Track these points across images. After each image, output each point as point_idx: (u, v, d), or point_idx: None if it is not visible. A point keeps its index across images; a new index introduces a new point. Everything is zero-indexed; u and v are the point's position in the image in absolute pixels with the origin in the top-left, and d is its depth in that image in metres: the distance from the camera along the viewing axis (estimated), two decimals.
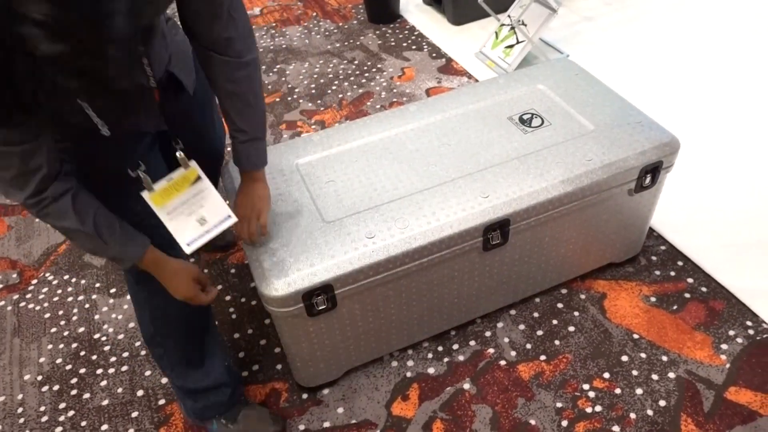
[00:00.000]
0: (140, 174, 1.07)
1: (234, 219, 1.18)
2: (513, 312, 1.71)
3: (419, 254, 1.35)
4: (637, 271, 1.79)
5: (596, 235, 1.63)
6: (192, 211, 1.13)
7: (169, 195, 1.10)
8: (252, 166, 1.24)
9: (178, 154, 1.10)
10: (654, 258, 1.82)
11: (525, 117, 1.62)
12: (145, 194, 1.08)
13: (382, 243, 1.33)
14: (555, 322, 1.68)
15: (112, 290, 1.90)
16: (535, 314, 1.70)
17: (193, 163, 1.13)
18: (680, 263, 1.80)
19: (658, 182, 1.56)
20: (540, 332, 1.66)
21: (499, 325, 1.68)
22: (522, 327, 1.67)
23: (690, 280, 1.75)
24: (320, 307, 1.31)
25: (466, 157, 1.52)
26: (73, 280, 1.95)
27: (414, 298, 1.46)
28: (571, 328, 1.66)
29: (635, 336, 1.62)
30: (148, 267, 1.12)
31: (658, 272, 1.78)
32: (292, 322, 1.34)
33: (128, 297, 1.86)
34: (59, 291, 1.92)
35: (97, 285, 1.93)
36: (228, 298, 1.84)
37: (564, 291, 1.75)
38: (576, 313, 1.69)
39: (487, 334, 1.66)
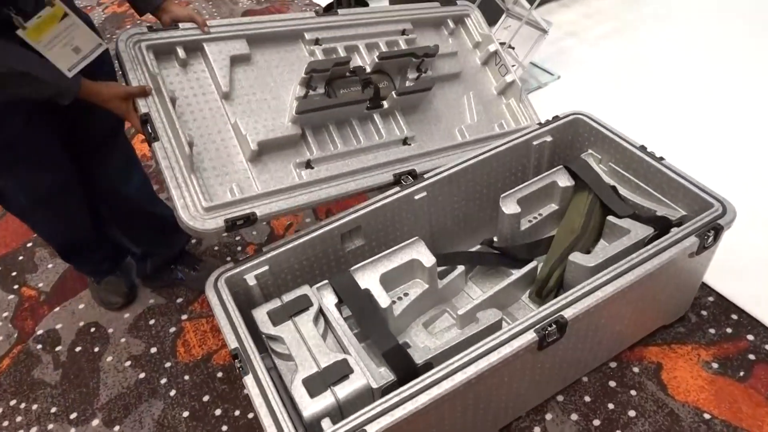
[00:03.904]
0: (11, 14, 1.17)
1: (104, 45, 1.32)
2: (561, 398, 1.46)
3: None
4: (690, 331, 1.57)
5: (652, 303, 1.40)
6: (66, 43, 1.26)
7: (42, 30, 1.22)
8: None
9: None
10: (704, 313, 1.60)
11: None
12: (20, 32, 1.18)
13: None
14: (611, 406, 1.43)
15: (73, 415, 1.56)
16: (586, 398, 1.45)
17: (58, 1, 1.23)
18: (734, 317, 1.59)
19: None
20: (597, 422, 1.41)
21: (548, 417, 1.43)
22: (575, 417, 1.42)
23: (750, 337, 1.54)
24: None
25: None
26: (22, 405, 1.60)
27: (458, 416, 1.19)
28: (632, 413, 1.42)
29: (706, 416, 1.40)
30: (88, 95, 1.29)
31: (712, 330, 1.56)
32: None
33: (94, 423, 1.53)
34: (5, 423, 1.56)
35: (53, 410, 1.58)
36: (218, 412, 1.53)
37: (613, 365, 1.51)
38: (633, 392, 1.45)
39: (536, 430, 1.40)
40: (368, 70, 1.60)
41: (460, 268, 1.56)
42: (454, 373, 1.09)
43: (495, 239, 1.64)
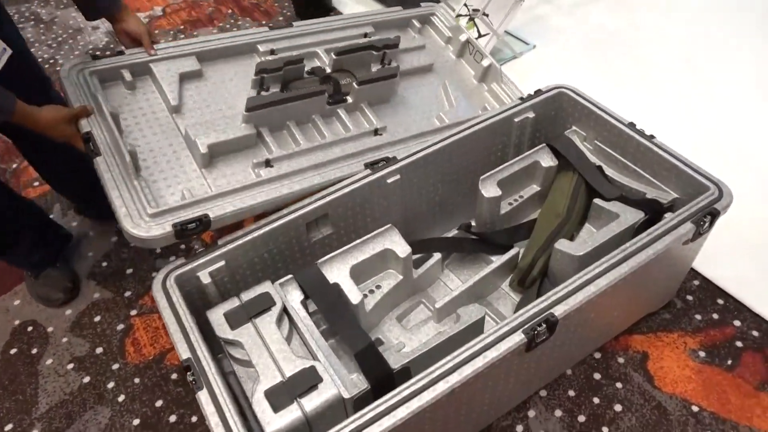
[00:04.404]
0: None
1: (9, 51, 1.21)
2: (544, 393, 1.37)
3: None
4: (675, 317, 1.50)
5: (641, 292, 1.32)
6: None
7: None
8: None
9: None
10: (690, 298, 1.53)
11: None
12: None
13: None
14: (596, 400, 1.36)
15: (8, 427, 1.39)
16: (571, 393, 1.37)
17: None
18: (721, 301, 1.52)
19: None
20: (582, 417, 1.33)
21: (531, 414, 1.34)
22: (559, 413, 1.34)
23: (737, 323, 1.48)
24: None
25: None
26: None
27: (439, 425, 1.08)
28: (618, 407, 1.34)
29: (694, 408, 1.33)
30: (22, 119, 1.19)
31: (698, 316, 1.50)
32: None
33: None
34: None
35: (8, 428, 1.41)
36: (173, 418, 1.39)
37: (598, 356, 1.43)
38: (619, 385, 1.38)
39: (519, 429, 1.32)
40: (329, 71, 1.52)
41: (437, 256, 1.44)
42: (435, 383, 0.98)
43: (473, 223, 1.53)
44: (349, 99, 1.50)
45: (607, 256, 1.13)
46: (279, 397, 1.02)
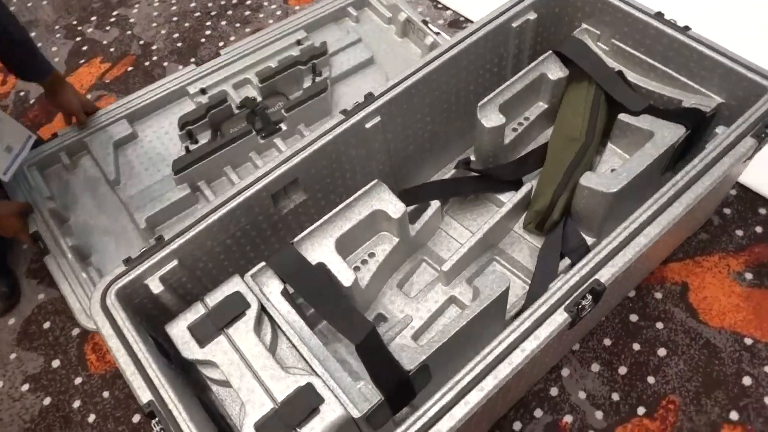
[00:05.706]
0: None
1: (34, 137, 1.28)
2: (576, 347, 1.19)
3: None
4: (714, 236, 1.30)
5: (686, 224, 1.10)
6: None
7: None
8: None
9: None
10: (727, 211, 1.33)
11: None
12: None
13: None
14: (637, 346, 1.19)
15: None
16: (606, 341, 1.20)
17: None
18: (763, 211, 1.33)
19: None
20: (623, 369, 1.16)
21: (564, 373, 1.17)
22: (596, 367, 1.17)
23: None
24: None
25: None
26: None
27: (473, 427, 0.89)
28: (662, 352, 1.18)
29: (747, 341, 1.17)
30: None
31: (740, 232, 1.30)
32: None
33: None
34: None
35: None
36: None
37: (632, 294, 1.25)
38: (660, 325, 1.20)
39: (553, 392, 1.15)
40: (260, 99, 1.44)
41: (435, 205, 1.20)
42: (467, 392, 0.77)
43: (472, 158, 1.28)
44: (283, 126, 1.41)
45: (653, 197, 0.90)
46: (273, 431, 0.82)
